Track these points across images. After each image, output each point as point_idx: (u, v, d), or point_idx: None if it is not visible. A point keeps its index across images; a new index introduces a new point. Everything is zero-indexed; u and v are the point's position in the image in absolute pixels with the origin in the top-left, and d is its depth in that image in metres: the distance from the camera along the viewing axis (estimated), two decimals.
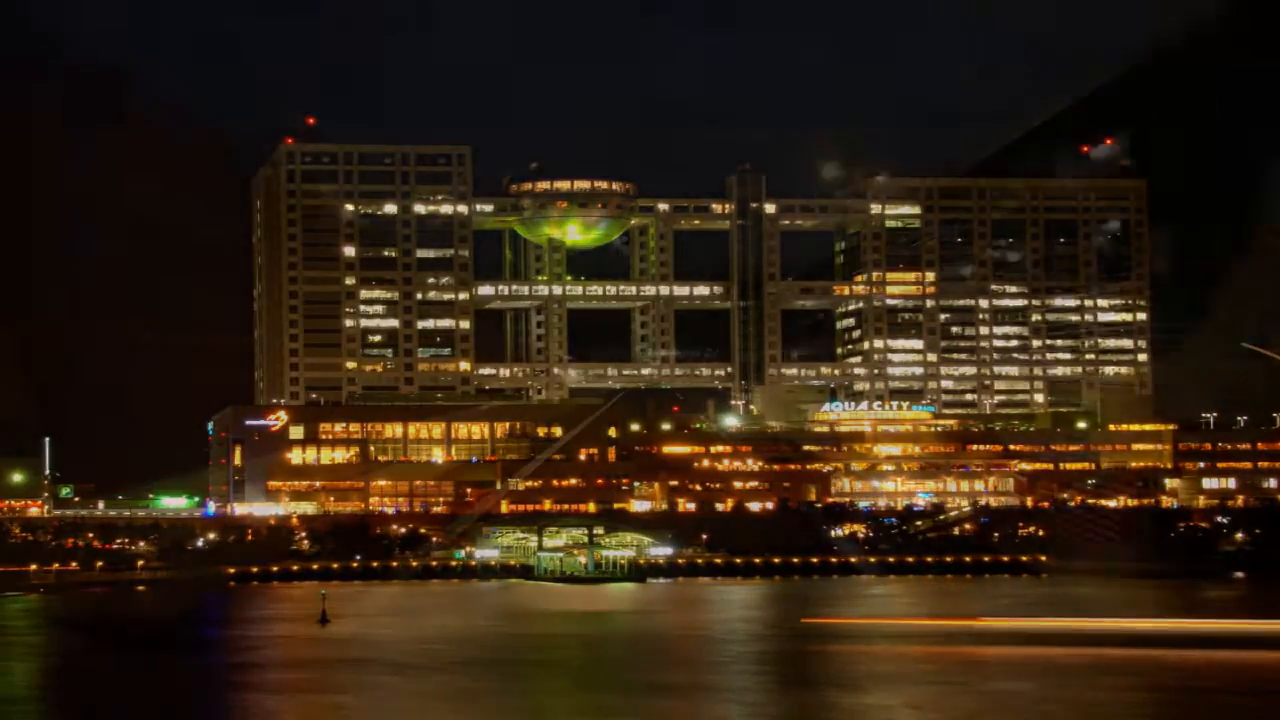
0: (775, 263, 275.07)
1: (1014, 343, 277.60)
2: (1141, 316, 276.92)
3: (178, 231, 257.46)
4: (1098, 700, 75.58)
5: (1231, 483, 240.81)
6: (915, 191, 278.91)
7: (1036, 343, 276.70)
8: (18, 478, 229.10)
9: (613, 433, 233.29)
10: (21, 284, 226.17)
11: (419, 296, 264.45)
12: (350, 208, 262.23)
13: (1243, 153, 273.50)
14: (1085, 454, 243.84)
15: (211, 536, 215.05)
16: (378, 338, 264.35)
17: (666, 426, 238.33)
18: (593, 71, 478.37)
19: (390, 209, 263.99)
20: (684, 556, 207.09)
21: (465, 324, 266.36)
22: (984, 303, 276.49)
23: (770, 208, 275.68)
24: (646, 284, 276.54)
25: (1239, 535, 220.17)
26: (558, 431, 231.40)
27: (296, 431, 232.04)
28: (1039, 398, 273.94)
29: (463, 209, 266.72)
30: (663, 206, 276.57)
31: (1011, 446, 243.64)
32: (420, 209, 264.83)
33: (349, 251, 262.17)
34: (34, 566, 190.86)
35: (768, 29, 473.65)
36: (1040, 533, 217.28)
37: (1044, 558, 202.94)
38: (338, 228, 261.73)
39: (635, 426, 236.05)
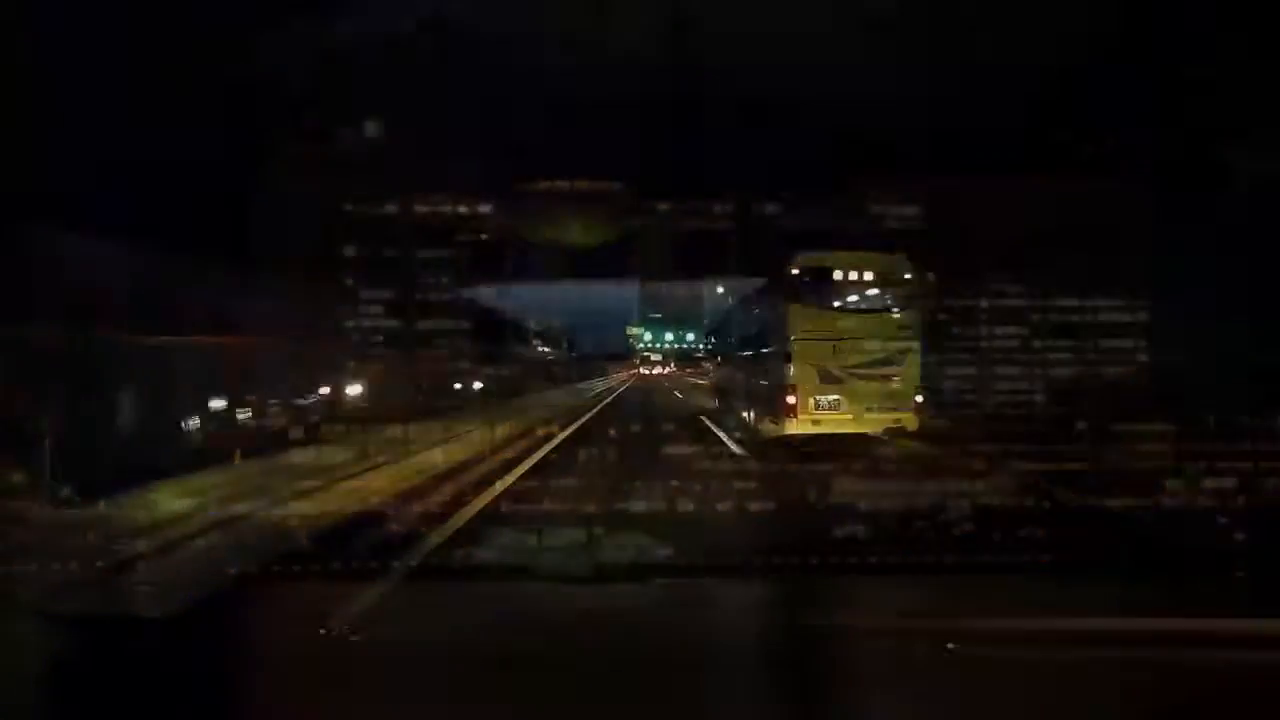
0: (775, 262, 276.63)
1: (1014, 343, 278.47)
2: (1142, 316, 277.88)
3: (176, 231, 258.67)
4: (1099, 700, 75.79)
5: (1231, 483, 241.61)
6: (915, 191, 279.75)
7: (1037, 343, 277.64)
8: (17, 478, 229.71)
9: (613, 433, 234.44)
10: (21, 281, 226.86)
11: (419, 296, 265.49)
12: (350, 208, 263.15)
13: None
14: (1085, 454, 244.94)
15: (212, 537, 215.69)
16: (378, 338, 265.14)
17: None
18: (593, 70, 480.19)
19: (390, 209, 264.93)
20: (684, 557, 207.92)
21: (465, 324, 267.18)
22: (984, 303, 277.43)
23: (770, 208, 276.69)
24: (646, 284, 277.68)
25: (1239, 535, 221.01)
26: (557, 431, 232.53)
27: (297, 431, 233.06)
28: (1039, 398, 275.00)
29: (463, 209, 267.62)
30: (663, 207, 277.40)
31: (1012, 446, 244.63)
32: (420, 209, 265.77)
33: (349, 251, 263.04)
34: (34, 566, 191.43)
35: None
36: (1039, 533, 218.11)
37: (1044, 558, 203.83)
38: (338, 228, 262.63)
39: (635, 427, 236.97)
